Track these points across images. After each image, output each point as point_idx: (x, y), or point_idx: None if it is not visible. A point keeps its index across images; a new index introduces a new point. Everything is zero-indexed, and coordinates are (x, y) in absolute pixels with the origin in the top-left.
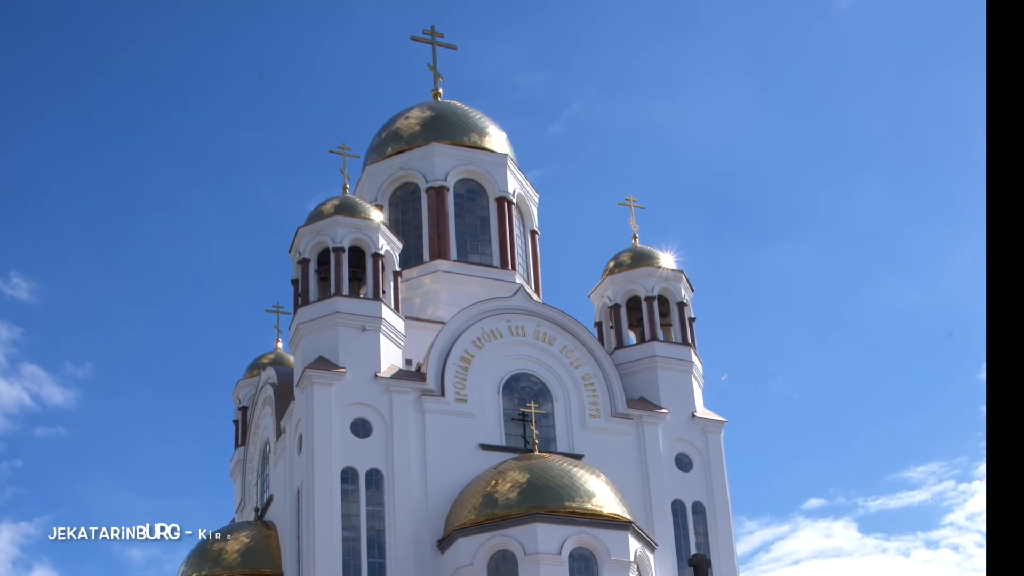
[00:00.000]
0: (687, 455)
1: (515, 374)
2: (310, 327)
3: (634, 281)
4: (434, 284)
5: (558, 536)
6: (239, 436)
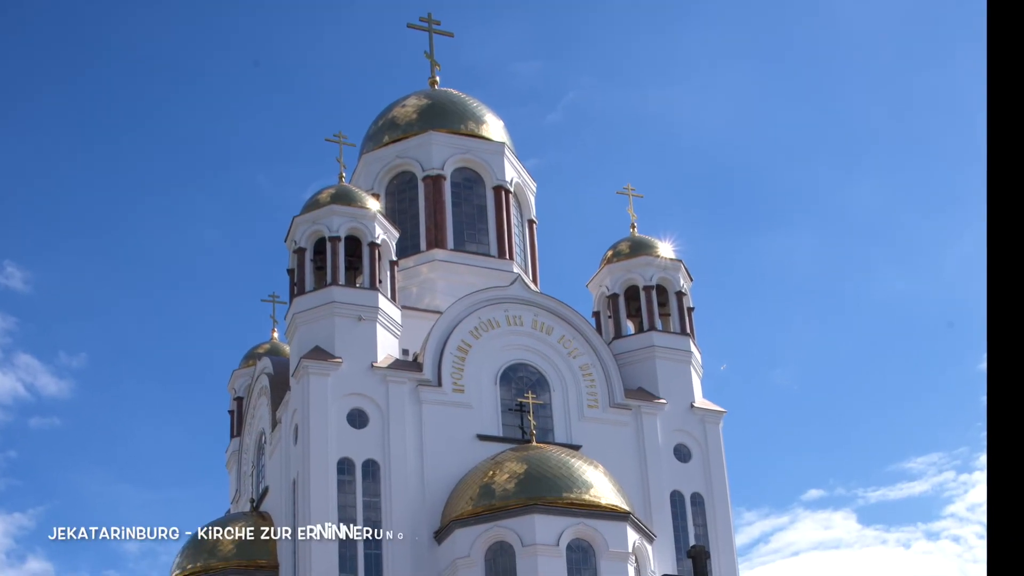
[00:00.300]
0: (686, 446)
1: (512, 364)
2: (306, 317)
3: (632, 270)
4: (431, 273)
5: (556, 527)
6: (234, 427)
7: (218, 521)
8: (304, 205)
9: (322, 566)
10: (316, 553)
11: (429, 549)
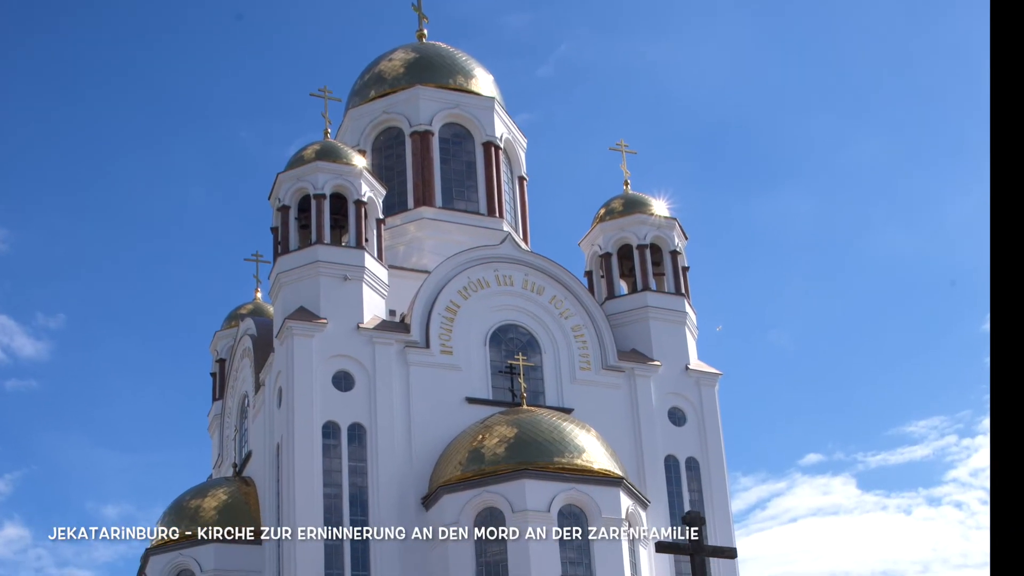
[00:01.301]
0: (680, 409)
1: (502, 325)
2: (290, 276)
3: (625, 229)
4: (419, 232)
5: (547, 493)
6: (216, 389)
7: (200, 486)
8: (288, 162)
9: (307, 532)
10: (300, 519)
11: (416, 515)
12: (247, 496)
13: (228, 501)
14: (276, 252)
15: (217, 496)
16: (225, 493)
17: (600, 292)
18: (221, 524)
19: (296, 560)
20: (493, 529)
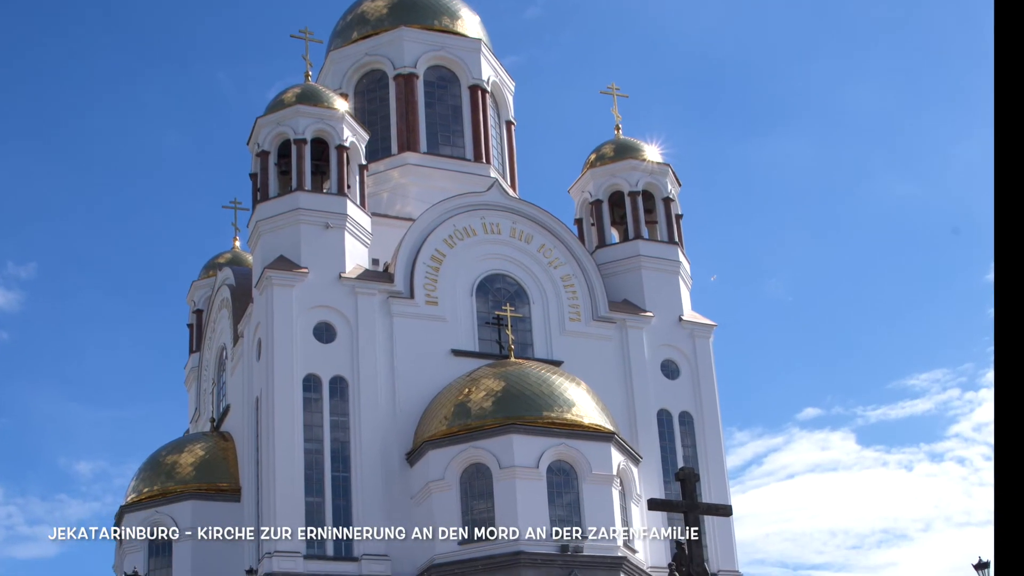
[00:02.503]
0: (674, 361)
1: (489, 275)
2: (270, 224)
3: (617, 175)
4: (403, 178)
5: (535, 448)
6: (194, 341)
7: (176, 442)
8: (268, 106)
9: (287, 489)
10: (280, 475)
11: (400, 471)
12: (225, 452)
13: (205, 457)
14: (255, 199)
15: (194, 452)
16: (202, 449)
17: (590, 241)
18: (198, 480)
19: (276, 517)
20: (480, 485)
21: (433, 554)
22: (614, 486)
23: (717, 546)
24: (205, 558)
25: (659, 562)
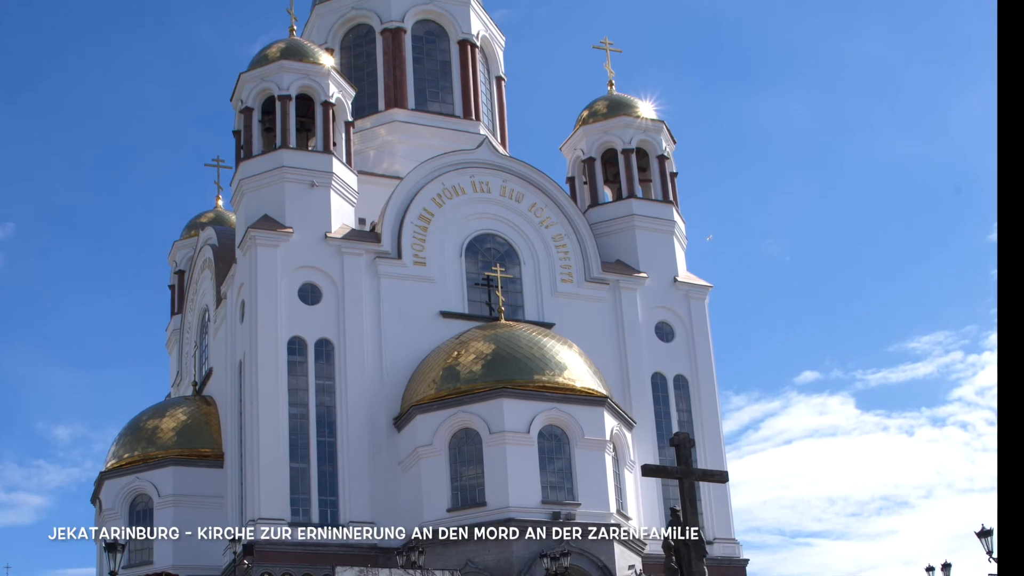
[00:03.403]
0: (668, 324)
1: (479, 235)
2: (253, 183)
3: (610, 132)
4: (390, 136)
5: (526, 413)
6: (175, 303)
7: (158, 406)
8: (251, 61)
9: (271, 455)
10: (264, 440)
11: (388, 437)
12: (208, 416)
13: (187, 422)
14: (239, 157)
15: (176, 416)
16: (184, 413)
17: (583, 199)
18: (180, 446)
19: (260, 483)
20: (469, 451)
21: (421, 521)
22: (607, 452)
23: (713, 513)
24: (187, 525)
25: None
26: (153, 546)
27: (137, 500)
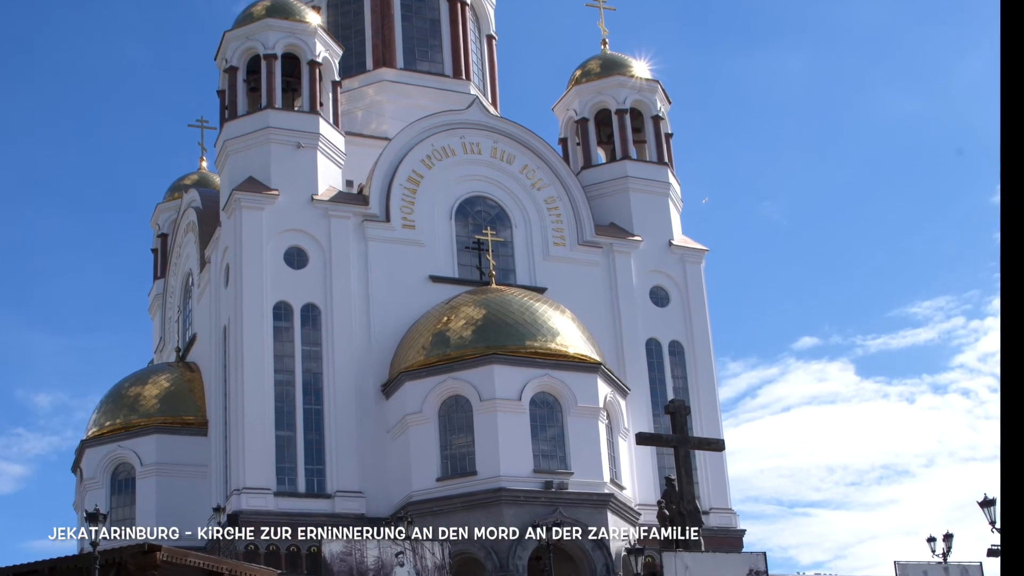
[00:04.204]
0: (663, 288)
1: (469, 197)
2: (238, 144)
3: (603, 92)
4: (378, 96)
5: (518, 379)
6: (158, 267)
7: (140, 373)
8: (236, 19)
9: (256, 423)
10: (249, 408)
11: (376, 404)
12: (191, 383)
13: (171, 389)
14: (223, 117)
15: (159, 383)
16: (167, 380)
17: (576, 161)
18: (163, 414)
19: (245, 452)
20: (460, 419)
21: (410, 491)
22: (600, 419)
23: (709, 482)
24: (170, 495)
25: (648, 499)
26: (135, 515)
27: (119, 469)
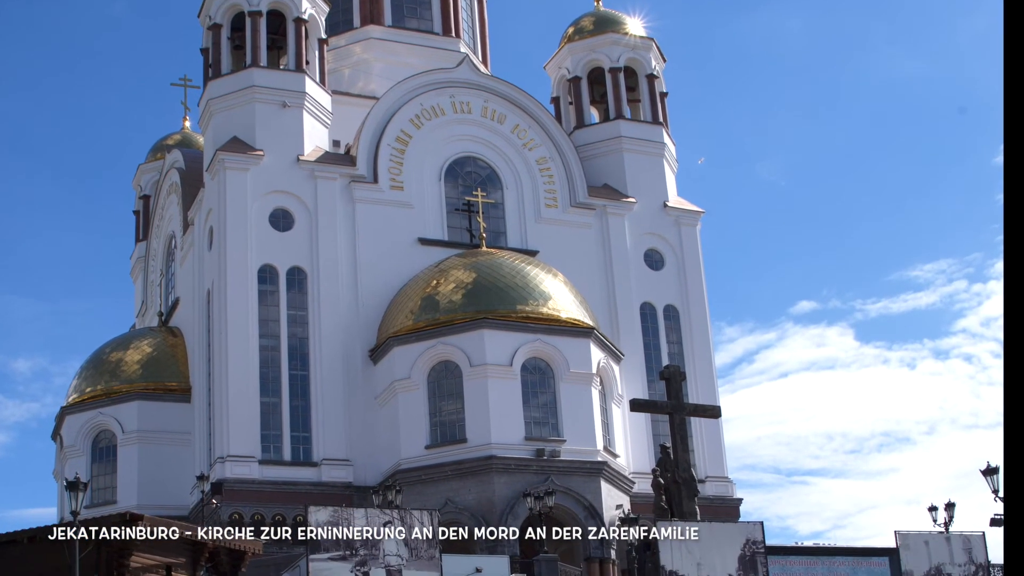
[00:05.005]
0: (658, 251)
1: (459, 158)
2: (222, 103)
3: (597, 50)
4: (366, 54)
5: (509, 345)
6: (140, 229)
7: (121, 338)
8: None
9: (241, 390)
10: (233, 374)
11: (363, 370)
12: (174, 348)
13: (153, 354)
14: (207, 76)
15: (141, 348)
16: (149, 345)
17: (568, 121)
18: (145, 379)
19: (229, 419)
20: (449, 385)
21: (398, 459)
22: (593, 385)
23: (704, 450)
24: (152, 463)
25: (642, 468)
26: (117, 484)
27: (100, 436)
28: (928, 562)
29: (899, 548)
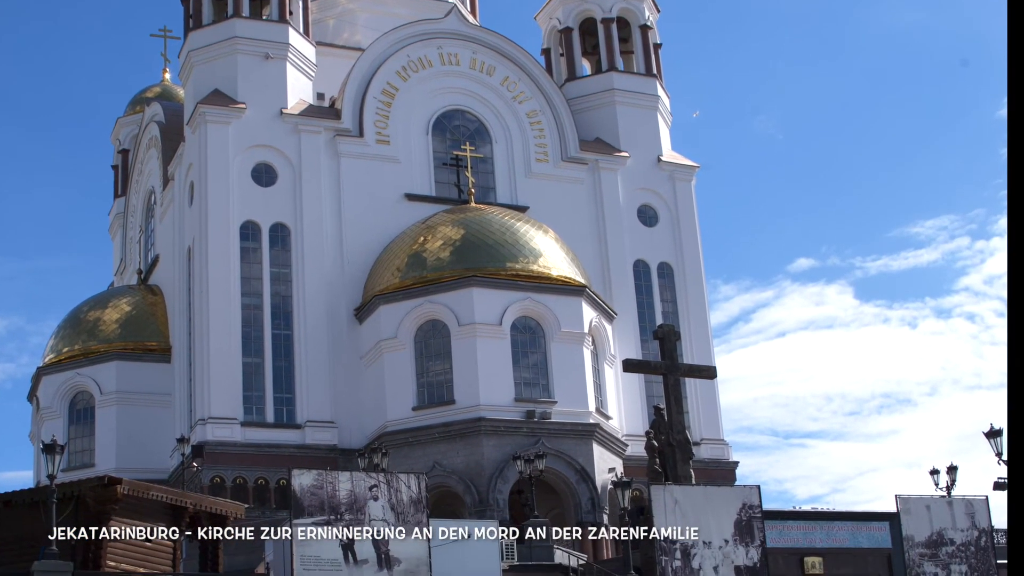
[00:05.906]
0: (652, 207)
1: (447, 111)
2: (203, 55)
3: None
4: (351, 3)
5: (498, 303)
6: (119, 184)
7: (99, 296)
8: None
9: (222, 349)
10: (215, 333)
11: (348, 329)
12: (153, 307)
13: (132, 313)
14: (187, 27)
15: (119, 307)
16: (128, 304)
17: (559, 73)
18: (124, 339)
19: (210, 380)
20: (437, 344)
21: (384, 421)
22: (585, 345)
23: (700, 412)
24: (131, 425)
25: (635, 430)
26: (95, 447)
27: (78, 398)
28: (930, 527)
29: (900, 513)
